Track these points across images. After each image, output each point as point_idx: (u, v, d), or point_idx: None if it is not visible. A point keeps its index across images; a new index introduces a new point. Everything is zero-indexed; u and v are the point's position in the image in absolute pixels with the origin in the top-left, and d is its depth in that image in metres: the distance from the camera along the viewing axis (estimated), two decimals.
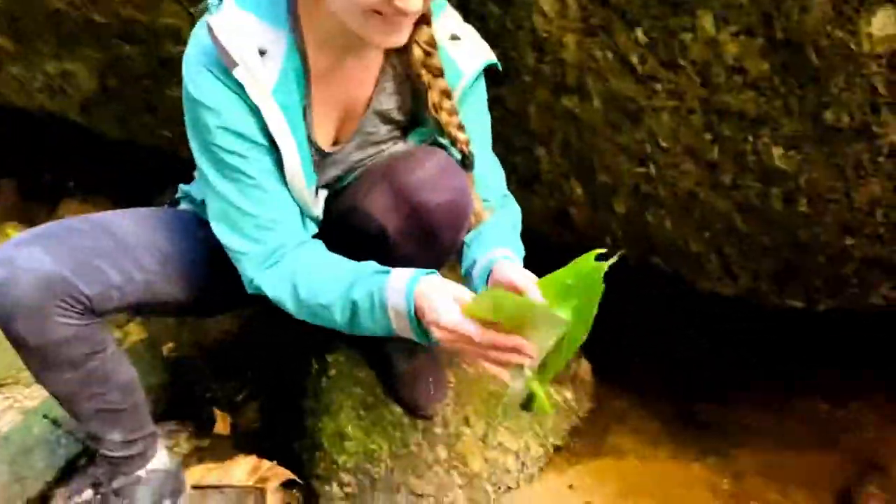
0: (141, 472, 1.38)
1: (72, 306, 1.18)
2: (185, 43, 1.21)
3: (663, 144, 1.60)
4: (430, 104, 1.25)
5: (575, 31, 1.53)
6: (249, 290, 1.22)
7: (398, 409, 1.66)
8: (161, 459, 1.42)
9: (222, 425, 1.85)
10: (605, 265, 1.00)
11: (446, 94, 1.25)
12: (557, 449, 1.74)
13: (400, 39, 1.13)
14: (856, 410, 1.81)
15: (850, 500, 1.55)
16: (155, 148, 2.61)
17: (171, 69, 2.06)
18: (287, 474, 1.63)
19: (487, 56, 1.32)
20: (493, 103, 1.44)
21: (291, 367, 1.84)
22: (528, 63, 1.63)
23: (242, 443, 1.80)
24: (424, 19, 1.20)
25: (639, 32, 1.47)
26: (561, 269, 1.05)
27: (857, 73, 1.31)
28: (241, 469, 1.62)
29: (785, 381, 1.93)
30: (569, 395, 1.83)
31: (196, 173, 1.44)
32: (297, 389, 1.77)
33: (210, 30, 1.12)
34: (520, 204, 1.45)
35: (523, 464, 1.66)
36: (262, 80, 1.14)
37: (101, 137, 2.60)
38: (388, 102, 1.30)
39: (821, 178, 1.48)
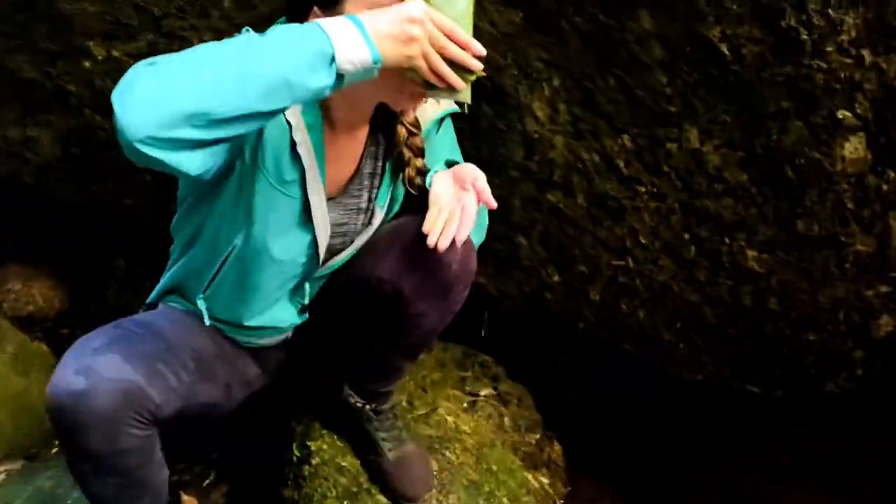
0: None
1: (143, 417, 1.14)
2: None
3: (643, 241, 1.68)
4: (405, 178, 1.35)
5: (564, 134, 1.61)
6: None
7: (383, 499, 1.64)
8: None
9: None
10: None
11: (422, 172, 1.35)
12: None
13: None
14: None
15: None
16: (110, 215, 2.55)
17: None
18: None
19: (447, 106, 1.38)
20: None
21: (264, 450, 1.80)
22: (516, 160, 1.69)
23: None
24: None
25: (625, 139, 1.56)
26: None
27: (829, 189, 1.43)
28: None
29: (734, 458, 2.00)
30: (545, 480, 1.86)
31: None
32: (273, 477, 1.73)
33: None
34: (496, 286, 1.48)
35: None
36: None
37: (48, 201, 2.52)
38: (369, 167, 1.35)
39: (790, 280, 1.59)
